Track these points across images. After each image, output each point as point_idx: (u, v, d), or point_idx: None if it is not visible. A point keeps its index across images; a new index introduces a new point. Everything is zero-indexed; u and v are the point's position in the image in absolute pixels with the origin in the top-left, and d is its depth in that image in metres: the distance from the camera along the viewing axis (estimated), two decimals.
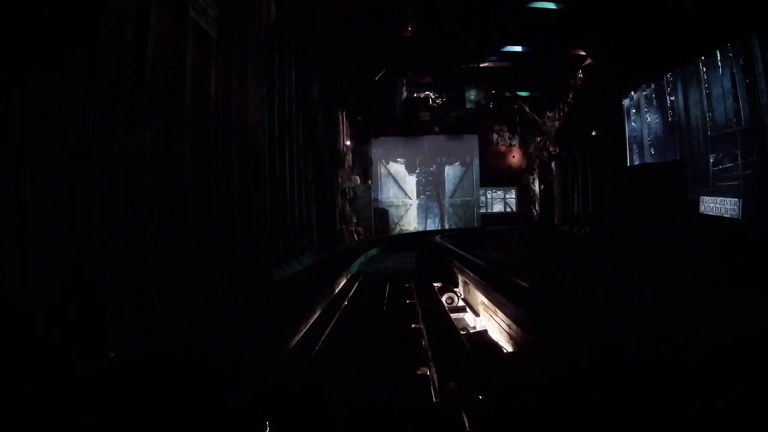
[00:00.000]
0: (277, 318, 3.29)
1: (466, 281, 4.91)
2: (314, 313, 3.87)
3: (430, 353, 2.63)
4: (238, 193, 5.62)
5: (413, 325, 3.54)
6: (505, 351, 2.91)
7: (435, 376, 2.35)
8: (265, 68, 7.26)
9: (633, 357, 1.91)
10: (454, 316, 4.13)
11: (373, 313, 4.17)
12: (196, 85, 4.63)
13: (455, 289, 5.23)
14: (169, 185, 4.11)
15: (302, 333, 3.25)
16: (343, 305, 4.51)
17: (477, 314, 4.24)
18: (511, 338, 3.00)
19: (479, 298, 4.13)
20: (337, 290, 5.39)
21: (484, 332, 3.15)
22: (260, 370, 2.41)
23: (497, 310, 3.34)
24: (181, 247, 4.09)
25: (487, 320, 3.81)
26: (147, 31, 3.65)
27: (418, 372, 2.54)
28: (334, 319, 3.80)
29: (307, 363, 2.73)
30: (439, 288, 5.31)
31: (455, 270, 5.49)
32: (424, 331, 3.19)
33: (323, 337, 3.23)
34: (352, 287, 5.66)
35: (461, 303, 4.90)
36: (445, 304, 4.52)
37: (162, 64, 4.02)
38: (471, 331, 3.90)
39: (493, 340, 3.03)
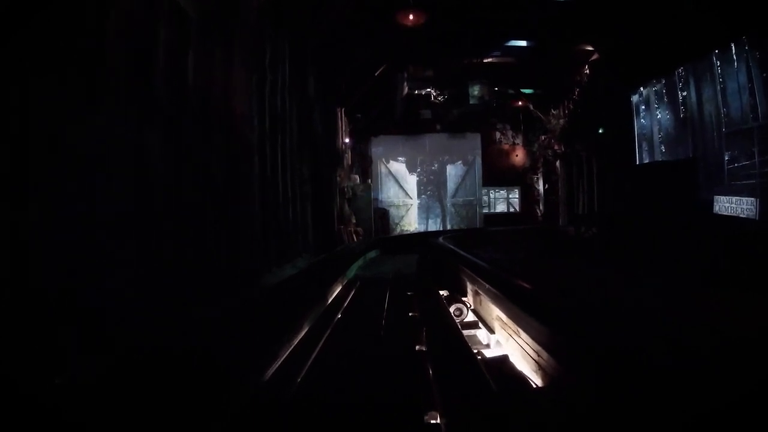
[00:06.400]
0: (252, 340, 2.71)
1: (477, 291, 4.32)
2: (300, 330, 3.29)
3: (438, 394, 2.04)
4: (222, 192, 5.07)
5: (417, 347, 2.97)
6: (534, 386, 2.33)
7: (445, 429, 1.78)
8: (255, 56, 6.70)
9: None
10: (464, 332, 3.53)
11: (370, 329, 3.59)
12: (170, 68, 4.09)
13: (463, 299, 4.63)
14: (132, 183, 3.53)
15: (282, 359, 2.66)
16: (336, 319, 3.93)
17: (492, 331, 3.65)
18: (540, 367, 2.43)
19: (494, 312, 3.55)
20: (330, 299, 4.81)
21: (505, 359, 2.58)
22: (219, 415, 1.84)
23: (519, 330, 2.77)
24: (144, 254, 3.52)
25: (506, 340, 3.23)
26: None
27: (426, 418, 1.97)
28: (323, 339, 3.22)
29: (282, 406, 2.15)
30: (446, 297, 4.70)
31: (464, 277, 4.90)
32: (430, 357, 2.62)
33: (307, 365, 2.64)
34: (348, 295, 5.08)
35: (471, 316, 4.31)
36: (453, 316, 3.91)
37: (128, 44, 3.46)
38: (485, 352, 3.31)
39: (519, 371, 2.45)
